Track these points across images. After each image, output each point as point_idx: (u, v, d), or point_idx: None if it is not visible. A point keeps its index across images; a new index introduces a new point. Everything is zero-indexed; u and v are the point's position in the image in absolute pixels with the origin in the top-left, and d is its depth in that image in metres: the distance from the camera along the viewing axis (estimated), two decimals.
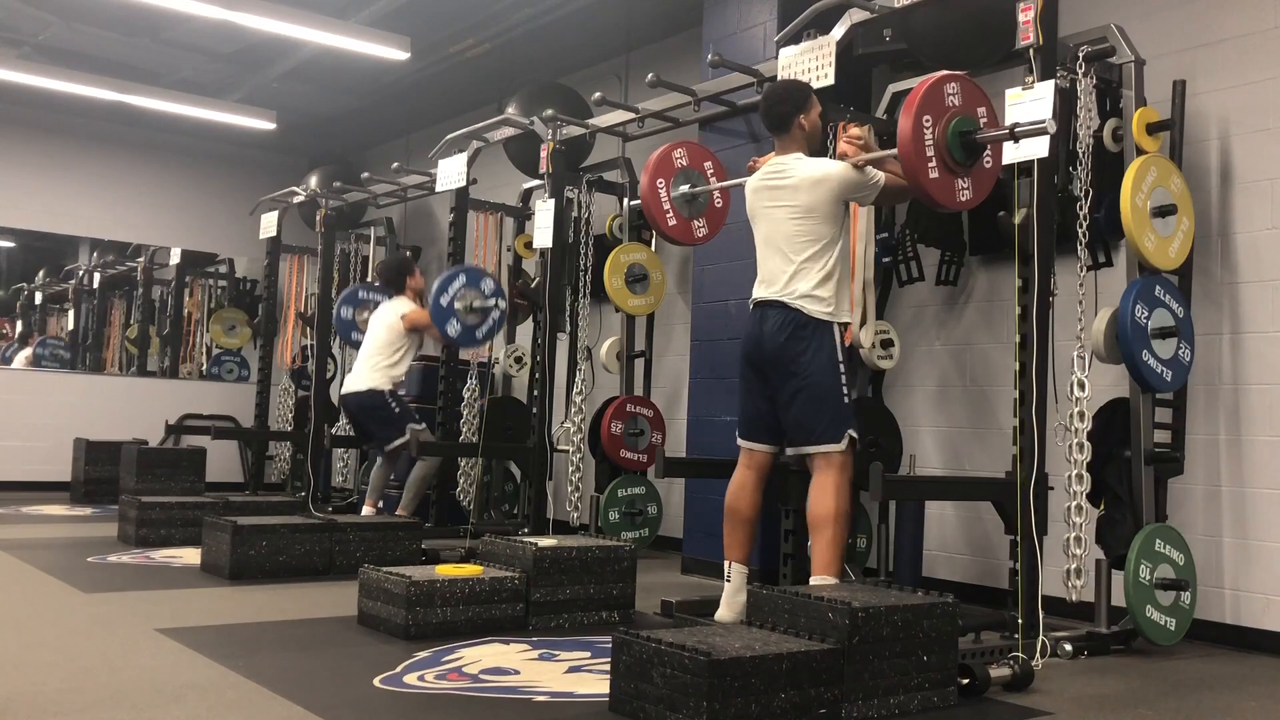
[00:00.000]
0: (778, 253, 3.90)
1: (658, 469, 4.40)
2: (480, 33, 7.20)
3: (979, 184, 3.69)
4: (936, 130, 3.53)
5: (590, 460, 6.30)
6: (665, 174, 4.66)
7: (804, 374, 3.78)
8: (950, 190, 3.60)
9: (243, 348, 10.50)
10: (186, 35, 7.64)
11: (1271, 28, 4.29)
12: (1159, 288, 4.08)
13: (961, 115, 3.59)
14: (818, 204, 3.82)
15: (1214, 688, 3.51)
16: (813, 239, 3.82)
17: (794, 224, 3.85)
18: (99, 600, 4.29)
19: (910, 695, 2.94)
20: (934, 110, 3.53)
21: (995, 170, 3.75)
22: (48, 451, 9.21)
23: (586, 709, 2.90)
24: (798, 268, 3.83)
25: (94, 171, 9.77)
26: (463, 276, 5.95)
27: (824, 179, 3.82)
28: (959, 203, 3.66)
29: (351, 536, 5.18)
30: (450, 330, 5.87)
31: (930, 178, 3.53)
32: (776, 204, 3.91)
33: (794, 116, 3.93)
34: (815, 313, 3.80)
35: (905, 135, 3.48)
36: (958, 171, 3.59)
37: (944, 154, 3.54)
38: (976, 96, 3.67)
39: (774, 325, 3.85)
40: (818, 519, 3.73)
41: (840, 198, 3.84)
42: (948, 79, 3.59)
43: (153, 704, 2.77)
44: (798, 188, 3.85)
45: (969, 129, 3.59)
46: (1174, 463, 4.21)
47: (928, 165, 3.51)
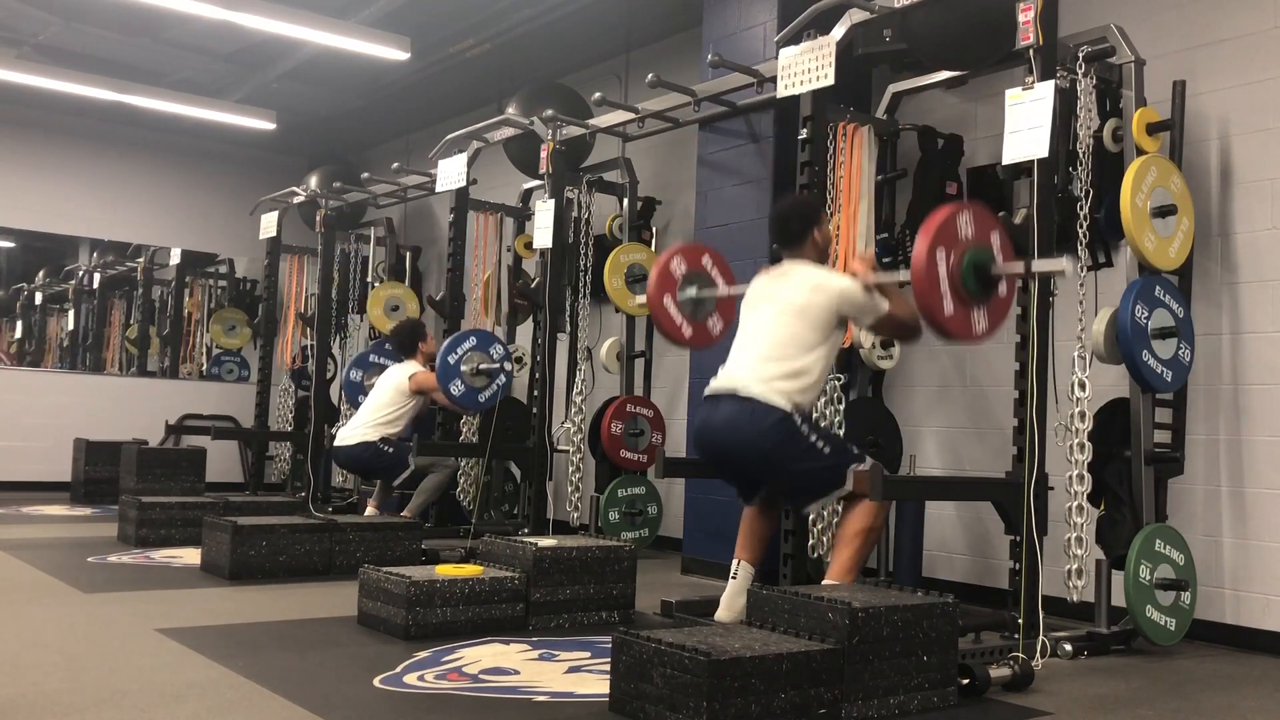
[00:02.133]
0: (749, 346, 3.77)
1: (658, 469, 4.40)
2: (480, 33, 7.20)
3: (995, 314, 3.58)
4: (951, 263, 3.42)
5: (590, 460, 6.30)
6: (669, 288, 4.50)
7: (768, 465, 3.66)
8: (966, 324, 3.49)
9: (243, 348, 10.50)
10: (186, 35, 7.64)
11: (1271, 28, 4.29)
12: (1159, 288, 4.08)
13: (976, 247, 3.49)
14: (811, 308, 3.69)
15: (1214, 688, 3.51)
16: (792, 339, 3.68)
17: (778, 319, 3.72)
18: (99, 600, 4.29)
19: (910, 695, 2.94)
20: (947, 243, 3.42)
21: (1010, 298, 3.65)
22: (48, 451, 9.21)
23: (586, 709, 2.90)
24: (764, 362, 3.67)
25: (94, 171, 9.78)
26: (473, 339, 6.01)
27: (825, 286, 3.72)
28: (975, 335, 3.55)
29: (351, 536, 5.18)
30: (453, 390, 5.91)
31: (945, 314, 3.42)
32: (771, 300, 3.81)
33: (808, 232, 3.88)
34: (767, 400, 3.60)
35: (919, 270, 3.37)
36: (972, 304, 3.49)
37: (959, 288, 3.44)
38: (989, 224, 3.56)
39: (724, 417, 3.68)
40: (844, 536, 3.70)
41: (837, 309, 3.70)
42: (960, 210, 3.49)
43: (153, 704, 2.77)
44: (797, 287, 3.75)
45: (984, 261, 3.49)
46: (1174, 463, 4.21)
47: (942, 300, 3.41)
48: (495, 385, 6.05)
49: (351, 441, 6.15)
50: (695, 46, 6.23)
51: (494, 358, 6.02)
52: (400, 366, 6.37)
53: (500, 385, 6.07)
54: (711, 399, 3.78)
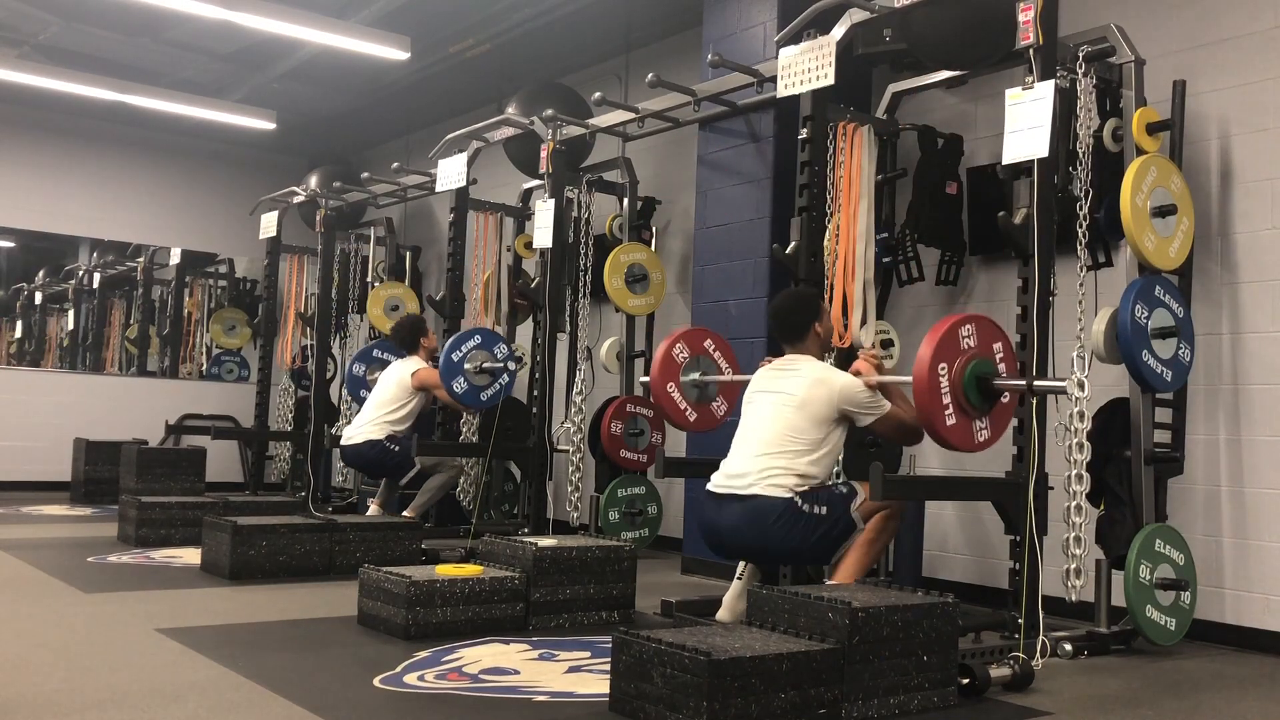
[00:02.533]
0: (751, 439, 3.77)
1: (658, 469, 4.40)
2: (480, 33, 7.20)
3: (997, 423, 3.60)
4: (952, 374, 3.45)
5: (590, 460, 6.29)
6: (671, 375, 4.54)
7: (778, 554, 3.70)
8: (968, 435, 3.51)
9: (243, 348, 10.50)
10: (186, 35, 7.64)
11: (1271, 28, 4.29)
12: (1159, 288, 4.08)
13: (978, 358, 3.50)
14: (811, 402, 3.69)
15: (1214, 688, 3.51)
16: (794, 434, 3.67)
17: (780, 412, 3.72)
18: (99, 600, 4.29)
19: (910, 695, 2.94)
20: (949, 355, 3.45)
21: (1012, 406, 3.67)
22: (48, 451, 9.21)
23: (586, 709, 2.90)
24: (765, 455, 3.67)
25: (94, 171, 9.77)
26: (478, 337, 6.02)
27: (826, 381, 3.73)
28: (977, 445, 3.57)
29: (351, 536, 5.18)
30: (456, 387, 5.91)
31: (947, 424, 3.44)
32: (773, 392, 3.81)
33: (810, 325, 3.90)
34: (768, 494, 3.60)
35: (921, 382, 3.38)
36: (973, 415, 3.51)
37: (960, 400, 3.46)
38: (992, 334, 3.57)
39: (729, 520, 3.68)
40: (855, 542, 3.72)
41: (837, 405, 3.70)
42: (963, 321, 3.51)
43: (153, 704, 2.77)
44: (800, 380, 3.76)
45: (987, 372, 3.51)
46: (1174, 463, 4.21)
47: (944, 412, 3.43)
48: (498, 385, 6.05)
49: (358, 440, 6.14)
50: (695, 46, 6.23)
51: (498, 357, 6.02)
52: (402, 363, 6.37)
53: (503, 385, 6.07)
54: (715, 498, 3.77)
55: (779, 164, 5.45)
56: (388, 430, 6.12)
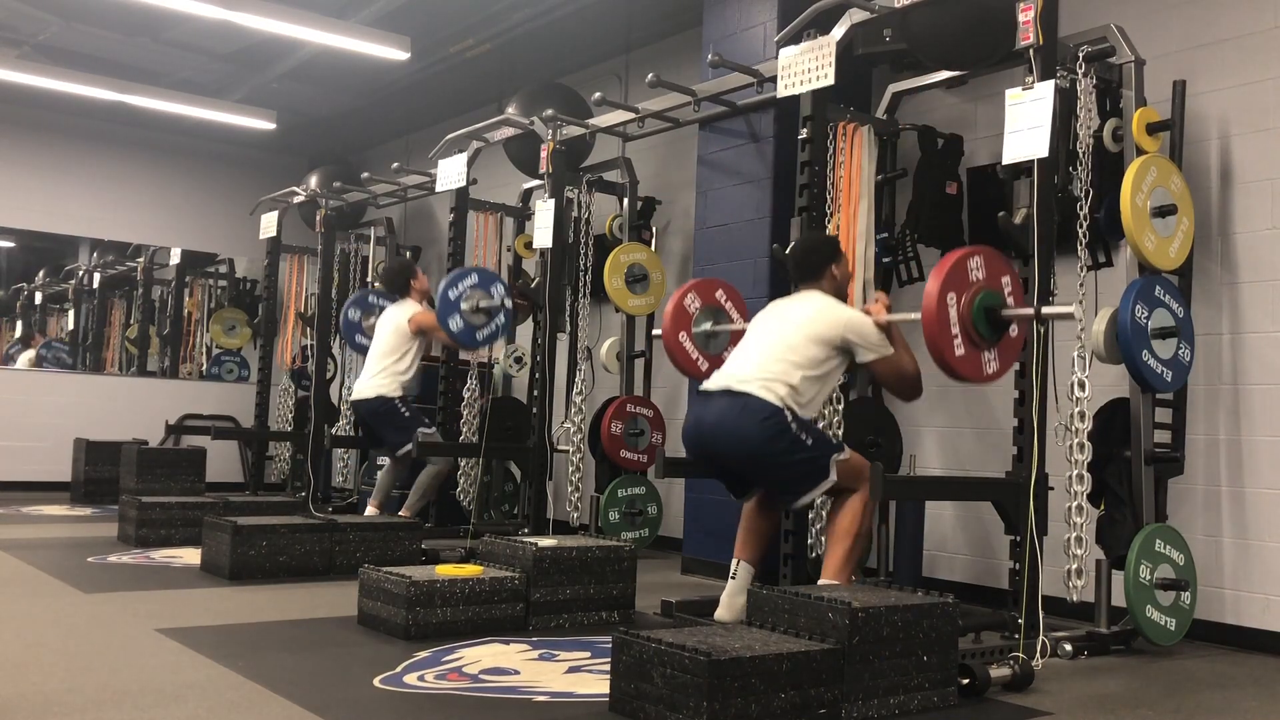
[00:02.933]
0: (749, 351, 3.79)
1: (658, 469, 4.39)
2: (480, 33, 7.20)
3: (1005, 355, 3.61)
4: (961, 306, 3.46)
5: (590, 460, 6.30)
6: (684, 325, 4.55)
7: (756, 459, 3.66)
8: (977, 365, 3.52)
9: (243, 348, 10.50)
10: (186, 35, 7.64)
11: (1271, 28, 4.29)
12: (1159, 288, 4.08)
13: (986, 290, 3.52)
14: (816, 323, 3.72)
15: (1214, 688, 3.51)
16: (794, 352, 3.68)
17: (782, 329, 3.75)
18: (99, 600, 4.29)
19: (910, 695, 2.94)
20: (958, 287, 3.46)
21: (1020, 339, 3.68)
22: (48, 451, 9.21)
23: (586, 709, 2.90)
24: (762, 366, 3.68)
25: (94, 171, 9.78)
26: (475, 275, 5.93)
27: (834, 308, 3.77)
28: (986, 377, 3.58)
29: (351, 536, 5.18)
30: (452, 325, 5.81)
31: (956, 355, 3.45)
32: (778, 314, 3.86)
33: (826, 265, 3.92)
34: (760, 396, 3.61)
35: (930, 312, 3.40)
36: (983, 346, 3.52)
37: (969, 330, 3.47)
38: (1000, 268, 3.59)
39: (715, 412, 3.70)
40: (835, 533, 3.72)
41: (842, 333, 3.72)
42: (970, 254, 3.52)
43: (153, 704, 2.77)
44: (807, 306, 3.81)
45: (995, 304, 3.53)
46: (1174, 463, 4.21)
47: (953, 342, 3.44)
48: (495, 325, 5.93)
49: (369, 395, 6.03)
50: (695, 46, 6.23)
51: (495, 296, 5.93)
52: (397, 307, 6.26)
53: (500, 325, 5.95)
54: (704, 395, 3.80)
55: (779, 164, 5.45)
56: (398, 383, 6.02)
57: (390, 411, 6.02)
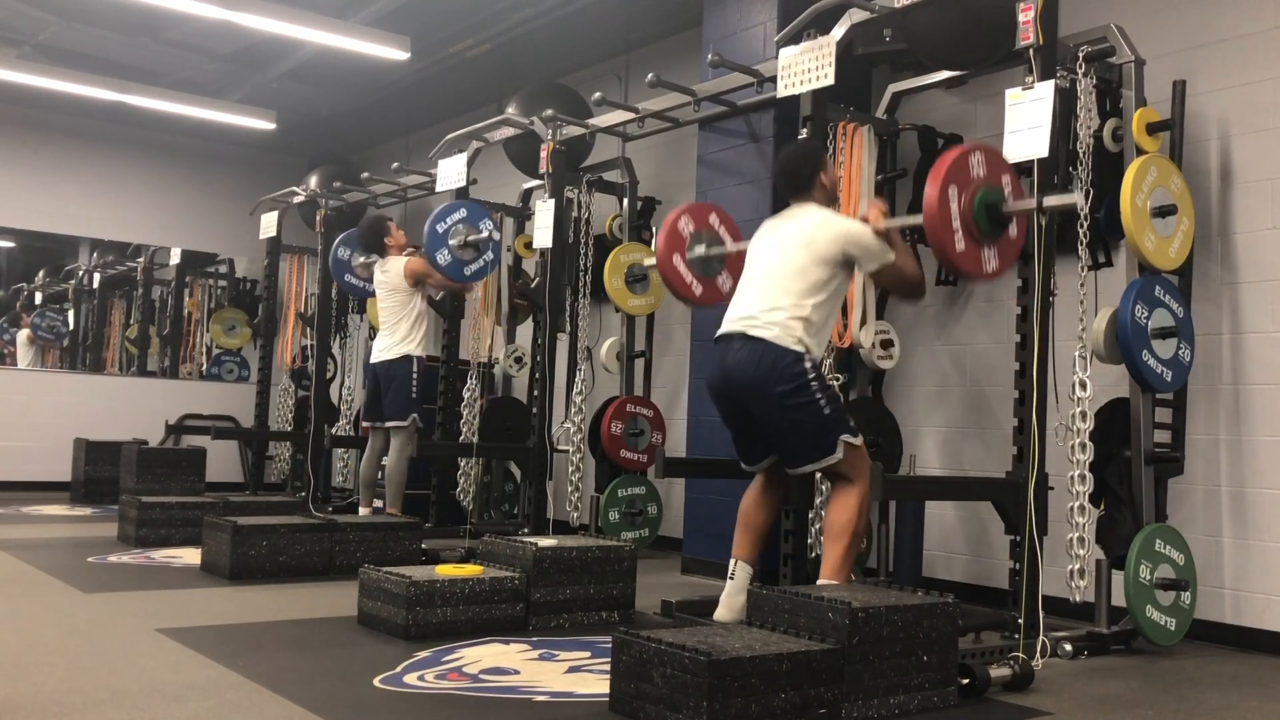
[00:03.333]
0: (757, 283, 3.79)
1: (658, 469, 4.40)
2: (480, 33, 7.20)
3: (1005, 254, 3.62)
4: (963, 201, 3.47)
5: (590, 460, 6.30)
6: (677, 248, 4.53)
7: (774, 407, 3.65)
8: (977, 261, 3.53)
9: (243, 348, 10.50)
10: (186, 35, 7.64)
11: (1271, 28, 4.29)
12: (1159, 288, 4.08)
13: (987, 185, 3.53)
14: (817, 241, 3.70)
15: (1214, 688, 3.51)
16: (800, 277, 3.68)
17: (784, 255, 3.74)
18: (99, 600, 4.29)
19: (910, 695, 2.95)
20: (959, 181, 3.46)
21: (1020, 239, 3.69)
22: (48, 451, 9.21)
23: (586, 709, 2.90)
24: (773, 302, 3.69)
25: (94, 171, 9.78)
26: (464, 210, 5.91)
27: (832, 222, 3.74)
28: (986, 274, 3.59)
29: (351, 536, 5.18)
30: (440, 259, 5.80)
31: (957, 250, 3.47)
32: (776, 237, 3.84)
33: (814, 176, 3.88)
34: (779, 342, 3.63)
35: (931, 206, 3.41)
36: (984, 242, 3.53)
37: (970, 225, 3.48)
38: (1001, 165, 3.60)
39: (735, 358, 3.70)
40: (832, 531, 3.70)
41: (843, 247, 3.69)
42: (972, 150, 3.53)
43: (153, 704, 2.77)
44: (803, 224, 3.78)
45: (995, 200, 3.53)
46: (1174, 463, 4.21)
47: (954, 237, 3.45)
48: (483, 260, 5.92)
49: (394, 355, 5.98)
50: (695, 46, 6.23)
51: (483, 230, 5.91)
52: (386, 264, 6.16)
53: (488, 261, 5.94)
54: (723, 339, 3.79)
55: None
56: (417, 343, 6.01)
57: (406, 375, 5.96)
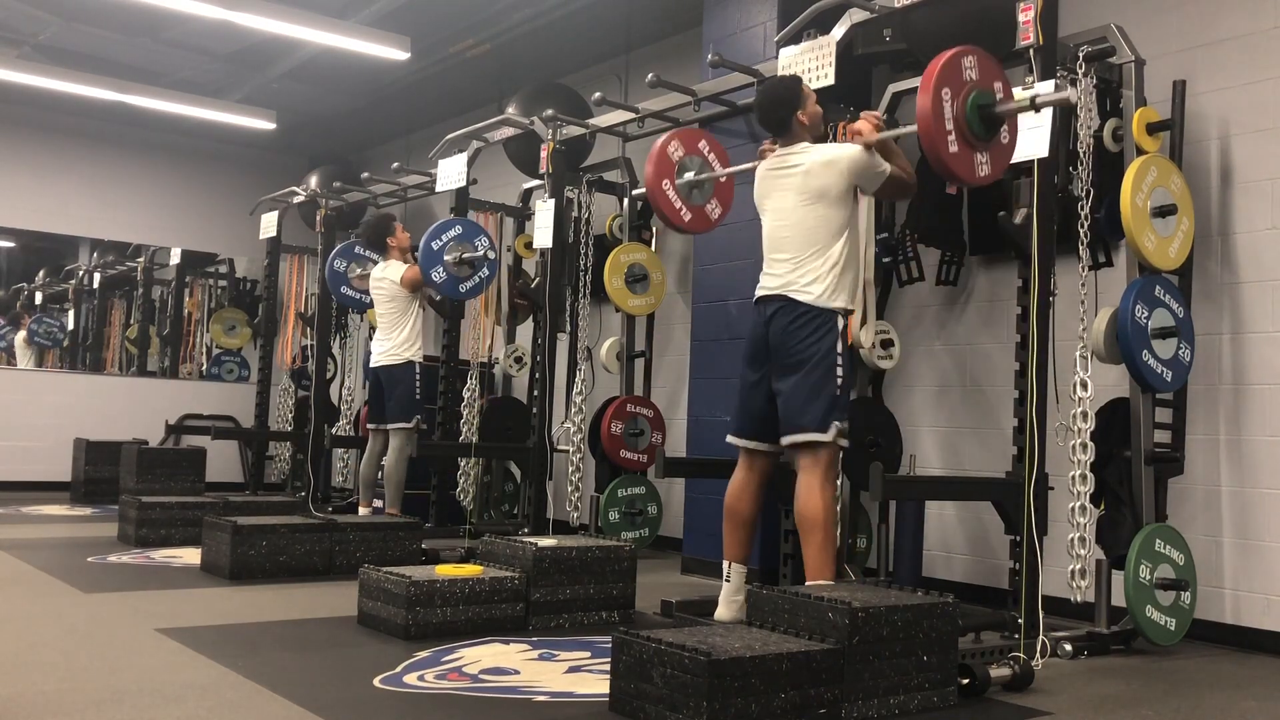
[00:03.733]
0: (784, 243, 3.86)
1: (658, 469, 4.40)
2: (480, 33, 7.20)
3: (997, 159, 3.61)
4: (955, 104, 3.45)
5: (590, 460, 6.29)
6: (667, 172, 4.63)
7: (799, 359, 3.73)
8: (969, 165, 3.52)
9: (243, 348, 10.50)
10: (186, 35, 7.64)
11: (1271, 28, 4.29)
12: (1159, 288, 4.08)
13: (980, 89, 3.52)
14: (828, 188, 3.78)
15: (1214, 688, 3.51)
16: (821, 225, 3.78)
17: (803, 210, 3.81)
18: (99, 600, 4.29)
19: (910, 695, 2.94)
20: (952, 84, 3.45)
21: (1012, 146, 3.68)
22: (48, 451, 9.22)
23: (586, 709, 2.90)
24: (804, 259, 3.79)
25: (94, 171, 9.78)
26: (458, 227, 5.94)
27: (834, 160, 3.79)
28: (978, 178, 3.57)
29: (351, 536, 5.18)
30: (434, 275, 5.85)
31: (950, 152, 3.45)
32: (785, 191, 3.87)
33: (791, 117, 3.90)
34: (817, 301, 3.75)
35: (924, 109, 3.40)
36: (976, 146, 3.52)
37: (963, 128, 3.46)
38: (993, 71, 3.58)
39: (777, 320, 3.81)
40: (806, 522, 3.70)
41: (850, 181, 3.79)
42: (965, 52, 3.52)
43: (153, 704, 2.77)
44: (808, 172, 3.81)
45: (988, 102, 3.53)
46: (1174, 463, 4.21)
47: (947, 139, 3.44)
48: (478, 277, 5.97)
49: (397, 361, 6.05)
50: (695, 46, 6.23)
51: (478, 248, 5.94)
52: (383, 270, 6.22)
53: (484, 278, 5.98)
54: (763, 301, 3.89)
55: None
56: (417, 348, 6.09)
57: (409, 379, 6.05)
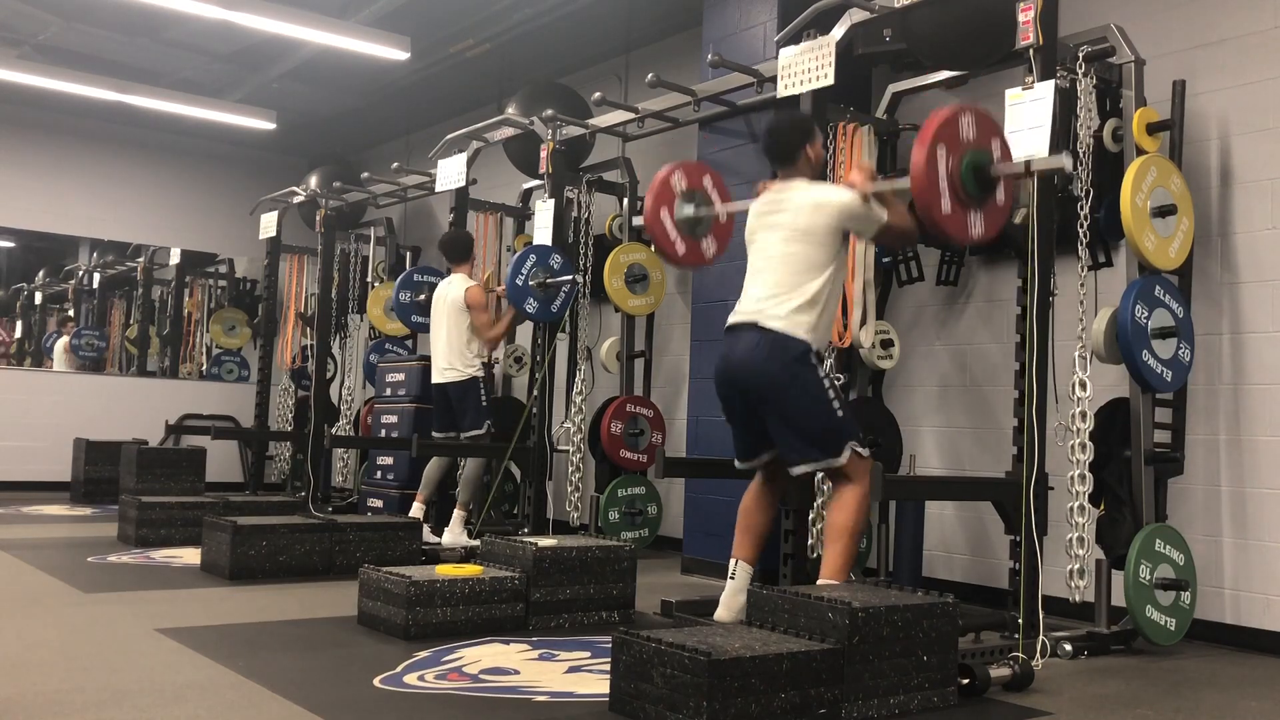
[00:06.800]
0: (763, 275, 3.78)
1: (658, 469, 4.39)
2: (480, 33, 7.20)
3: (991, 220, 3.58)
4: (951, 163, 3.43)
5: (590, 460, 6.30)
6: (666, 201, 4.49)
7: (782, 399, 3.65)
8: (962, 225, 3.49)
9: (243, 348, 10.50)
10: (186, 35, 7.65)
11: (1271, 28, 4.29)
12: (1159, 288, 4.08)
13: (976, 148, 3.50)
14: (814, 229, 3.71)
15: (1214, 688, 3.51)
16: (802, 264, 3.69)
17: (786, 245, 3.74)
18: (99, 600, 4.29)
19: (910, 695, 2.94)
20: (949, 142, 3.43)
21: (1007, 206, 3.66)
22: (48, 451, 9.21)
23: (586, 709, 2.90)
24: (781, 291, 3.70)
25: (94, 171, 9.78)
26: (533, 256, 5.92)
27: (825, 204, 3.73)
28: (971, 237, 3.55)
29: (351, 536, 5.18)
30: (528, 308, 5.86)
31: (943, 212, 3.42)
32: (773, 227, 3.82)
33: (800, 148, 3.88)
34: (790, 333, 3.64)
35: (919, 167, 3.37)
36: (970, 205, 3.49)
37: (957, 187, 3.44)
38: (991, 129, 3.57)
39: (745, 347, 3.70)
40: (832, 531, 3.69)
41: (839, 226, 3.71)
42: (963, 111, 3.50)
43: (153, 704, 2.77)
44: (798, 210, 3.76)
45: (984, 162, 3.50)
46: (1174, 463, 4.21)
47: (940, 199, 3.41)
48: (562, 294, 5.97)
49: (461, 378, 6.01)
50: (695, 46, 6.23)
51: (554, 268, 5.94)
52: (450, 283, 6.15)
53: (567, 292, 5.98)
54: (732, 330, 3.80)
55: None
56: (479, 363, 6.06)
57: (476, 394, 6.03)
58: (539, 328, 6.15)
